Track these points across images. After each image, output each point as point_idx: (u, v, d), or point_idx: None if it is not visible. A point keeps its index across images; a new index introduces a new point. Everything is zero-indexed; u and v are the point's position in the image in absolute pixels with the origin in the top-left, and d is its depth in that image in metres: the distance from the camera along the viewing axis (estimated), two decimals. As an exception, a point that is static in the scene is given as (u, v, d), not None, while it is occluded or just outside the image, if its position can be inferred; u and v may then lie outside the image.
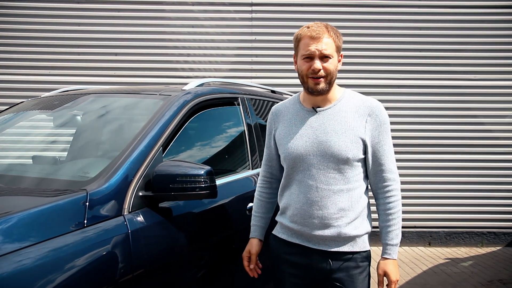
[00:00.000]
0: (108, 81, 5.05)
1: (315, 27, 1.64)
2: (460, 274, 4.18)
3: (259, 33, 5.20)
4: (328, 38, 1.63)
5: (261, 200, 1.93)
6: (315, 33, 1.62)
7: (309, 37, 1.63)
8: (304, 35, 1.65)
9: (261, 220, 1.91)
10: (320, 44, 1.62)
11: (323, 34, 1.63)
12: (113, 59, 5.12)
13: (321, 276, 1.68)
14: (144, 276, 1.62)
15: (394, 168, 1.72)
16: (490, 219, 5.21)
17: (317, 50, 1.62)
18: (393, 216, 1.69)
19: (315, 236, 1.66)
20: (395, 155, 1.75)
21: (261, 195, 1.93)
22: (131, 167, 1.73)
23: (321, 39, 1.62)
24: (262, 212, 1.92)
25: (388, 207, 1.70)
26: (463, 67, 5.22)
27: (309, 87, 1.68)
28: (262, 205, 1.92)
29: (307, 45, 1.64)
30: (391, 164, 1.71)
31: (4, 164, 2.53)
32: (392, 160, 1.72)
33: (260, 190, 1.94)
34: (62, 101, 2.47)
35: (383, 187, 1.71)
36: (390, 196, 1.70)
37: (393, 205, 1.70)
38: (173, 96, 2.18)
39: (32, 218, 1.39)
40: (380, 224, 1.72)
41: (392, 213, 1.69)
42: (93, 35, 5.11)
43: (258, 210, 1.93)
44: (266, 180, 1.93)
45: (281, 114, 1.81)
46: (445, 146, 5.21)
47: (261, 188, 1.94)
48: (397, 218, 1.69)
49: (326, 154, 1.64)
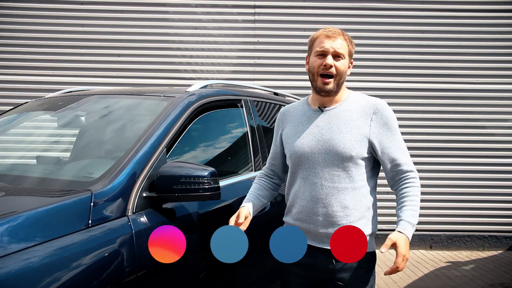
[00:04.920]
0: (111, 82, 5.07)
1: (332, 29, 1.72)
2: (461, 278, 4.18)
3: (261, 35, 5.21)
4: (343, 41, 1.70)
5: (259, 184, 1.95)
6: (331, 33, 1.69)
7: (325, 36, 1.70)
8: (320, 35, 1.72)
9: (256, 198, 1.87)
10: (335, 43, 1.68)
11: (339, 36, 1.70)
12: (116, 60, 5.14)
13: (326, 276, 1.69)
14: (148, 277, 1.62)
15: (409, 161, 1.70)
16: (491, 222, 5.21)
17: (331, 47, 1.68)
18: (411, 198, 1.64)
19: (320, 233, 1.68)
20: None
21: (260, 182, 1.96)
22: (135, 168, 1.74)
23: (336, 38, 1.69)
24: (258, 194, 1.90)
25: (406, 190, 1.66)
26: (465, 71, 5.22)
27: (317, 86, 1.70)
28: (259, 188, 1.93)
29: (321, 43, 1.70)
30: (405, 157, 1.69)
31: (10, 164, 2.54)
32: (406, 153, 1.70)
33: (259, 178, 1.97)
34: (66, 101, 2.48)
35: (402, 178, 1.68)
36: (409, 182, 1.67)
37: (412, 189, 1.65)
38: (177, 97, 2.19)
39: (37, 218, 1.40)
40: (397, 206, 1.66)
41: (410, 195, 1.64)
42: (96, 36, 5.13)
43: (254, 191, 1.92)
44: (266, 175, 1.98)
45: (290, 115, 1.85)
46: (446, 150, 5.21)
47: (261, 177, 1.97)
48: (415, 201, 1.64)
49: (330, 152, 1.66)
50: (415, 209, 1.63)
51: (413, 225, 1.61)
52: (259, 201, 1.89)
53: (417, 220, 1.62)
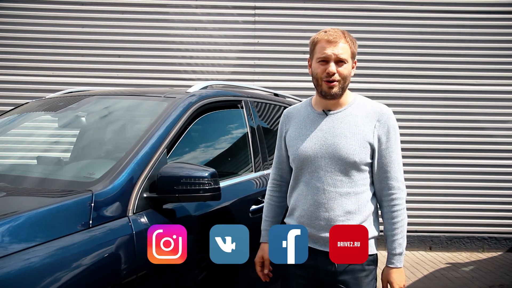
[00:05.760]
0: (111, 82, 5.08)
1: (332, 32, 1.67)
2: (461, 279, 4.18)
3: (261, 36, 5.22)
4: (344, 44, 1.66)
5: (271, 204, 1.93)
6: (332, 37, 1.64)
7: (326, 41, 1.65)
8: (321, 39, 1.67)
9: (271, 224, 1.90)
10: (337, 48, 1.64)
11: (340, 39, 1.65)
12: (117, 61, 5.14)
13: (327, 278, 1.69)
14: (148, 277, 1.63)
15: (400, 177, 1.70)
16: (491, 224, 5.21)
17: (333, 54, 1.64)
18: (396, 225, 1.69)
19: (322, 237, 1.67)
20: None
21: (271, 199, 1.93)
22: (136, 169, 1.74)
23: (337, 43, 1.64)
24: (272, 216, 1.91)
25: (392, 216, 1.69)
26: (464, 72, 5.23)
27: (322, 90, 1.69)
28: (272, 209, 1.92)
29: (323, 49, 1.65)
30: (398, 172, 1.69)
31: (10, 164, 2.55)
32: (399, 168, 1.70)
33: (270, 194, 1.94)
34: (66, 102, 2.49)
35: (388, 194, 1.70)
36: (394, 205, 1.69)
37: (397, 214, 1.69)
38: (178, 98, 2.20)
39: (38, 218, 1.40)
40: (385, 232, 1.73)
41: (395, 222, 1.69)
42: (97, 37, 5.14)
43: (268, 215, 1.92)
44: (275, 183, 1.93)
45: (293, 117, 1.83)
46: (446, 151, 5.22)
47: (271, 191, 1.94)
48: (401, 227, 1.69)
49: (334, 157, 1.65)
50: (402, 236, 1.69)
51: (402, 252, 1.70)
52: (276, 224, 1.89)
53: (405, 244, 1.71)
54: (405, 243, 1.70)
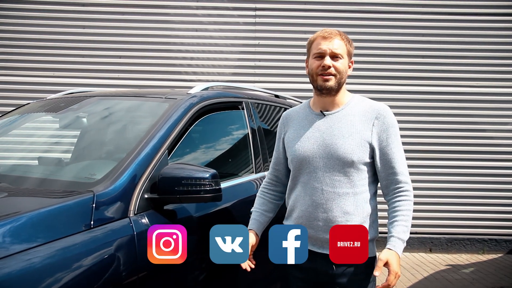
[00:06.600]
0: (112, 83, 5.08)
1: (328, 30, 1.71)
2: (461, 281, 4.18)
3: (262, 37, 5.23)
4: (340, 41, 1.69)
5: (263, 198, 1.92)
6: (328, 34, 1.69)
7: (322, 37, 1.70)
8: (316, 37, 1.72)
9: (261, 216, 1.88)
10: (332, 44, 1.67)
11: (336, 36, 1.69)
12: (118, 62, 5.15)
13: (326, 280, 1.69)
14: (149, 278, 1.63)
15: (405, 171, 1.69)
16: (491, 226, 5.21)
17: (328, 48, 1.67)
18: (403, 212, 1.63)
19: (320, 239, 1.67)
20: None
21: (264, 195, 1.93)
22: (137, 169, 1.74)
23: (333, 39, 1.68)
24: (263, 210, 1.89)
25: (398, 204, 1.65)
26: (465, 74, 5.24)
27: (318, 84, 1.70)
28: (263, 203, 1.91)
29: (318, 44, 1.69)
30: (402, 167, 1.68)
31: (12, 165, 2.55)
32: (403, 163, 1.69)
33: (262, 190, 1.95)
34: (68, 103, 2.49)
35: (395, 188, 1.67)
36: (403, 195, 1.66)
37: (405, 203, 1.65)
38: (179, 99, 2.20)
39: (39, 219, 1.41)
40: (389, 221, 1.66)
41: (403, 210, 1.63)
42: (98, 37, 5.14)
43: (259, 207, 1.90)
44: (270, 182, 1.94)
45: (291, 119, 1.84)
46: (447, 153, 5.22)
47: (264, 188, 1.95)
48: (407, 216, 1.63)
49: (332, 157, 1.66)
50: (406, 225, 1.62)
51: (404, 241, 1.61)
52: (264, 217, 1.88)
53: (408, 235, 1.62)
54: (408, 234, 1.63)
